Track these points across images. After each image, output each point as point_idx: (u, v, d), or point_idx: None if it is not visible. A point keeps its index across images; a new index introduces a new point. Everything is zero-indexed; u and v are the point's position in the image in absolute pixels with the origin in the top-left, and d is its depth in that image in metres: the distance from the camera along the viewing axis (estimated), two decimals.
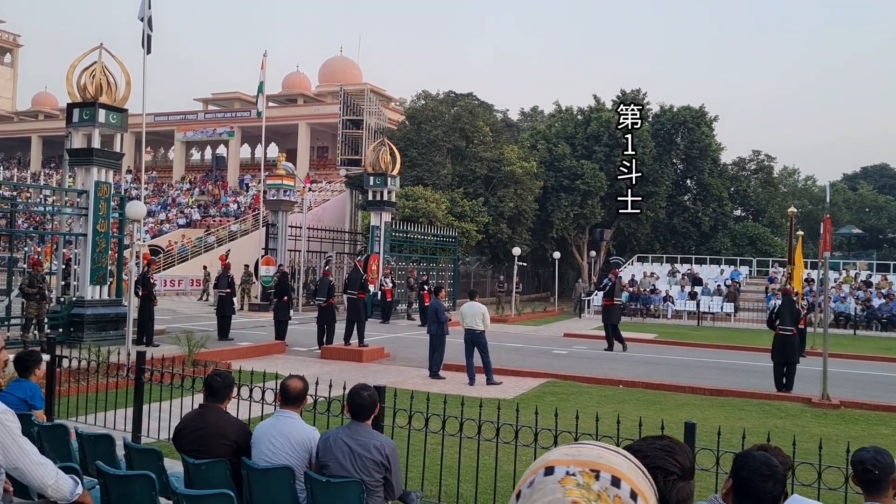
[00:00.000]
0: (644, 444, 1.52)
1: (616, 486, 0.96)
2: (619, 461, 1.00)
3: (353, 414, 4.44)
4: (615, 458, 1.01)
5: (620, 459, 1.01)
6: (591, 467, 0.97)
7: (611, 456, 1.01)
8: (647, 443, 1.51)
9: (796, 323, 14.23)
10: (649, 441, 1.53)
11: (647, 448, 1.48)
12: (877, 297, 32.04)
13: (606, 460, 0.99)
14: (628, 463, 1.01)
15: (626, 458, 1.03)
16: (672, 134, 43.62)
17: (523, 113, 61.37)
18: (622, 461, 1.01)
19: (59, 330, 15.62)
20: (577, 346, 21.02)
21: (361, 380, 12.58)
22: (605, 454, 1.01)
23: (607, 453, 1.02)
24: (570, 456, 1.01)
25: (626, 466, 1.00)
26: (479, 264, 44.40)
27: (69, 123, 16.33)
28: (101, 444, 4.97)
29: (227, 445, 4.57)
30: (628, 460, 1.03)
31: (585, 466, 0.97)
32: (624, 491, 0.96)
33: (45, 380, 8.26)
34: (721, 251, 41.86)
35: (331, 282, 19.05)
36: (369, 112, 45.47)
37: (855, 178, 67.17)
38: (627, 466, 1.00)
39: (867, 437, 10.03)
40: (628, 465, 1.01)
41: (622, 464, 1.00)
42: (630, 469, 1.00)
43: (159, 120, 56.36)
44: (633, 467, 1.01)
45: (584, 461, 0.99)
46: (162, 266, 37.78)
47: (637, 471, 1.01)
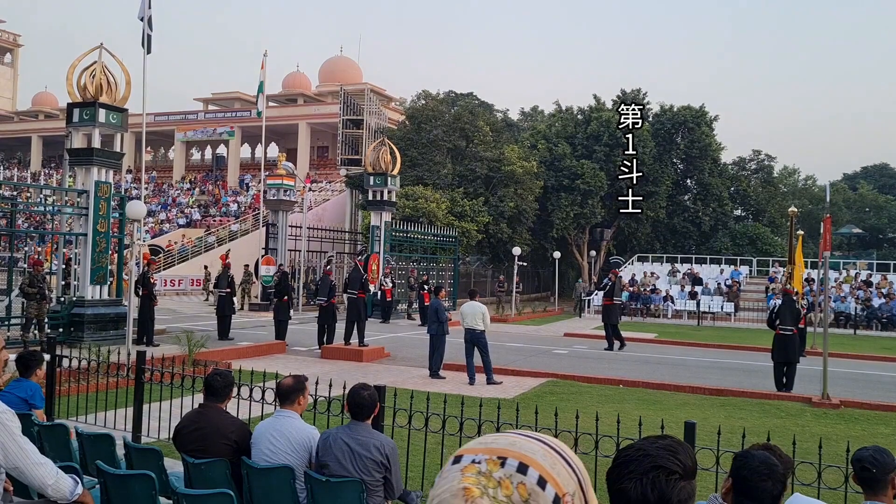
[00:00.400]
0: (646, 442, 1.52)
1: (522, 472, 0.94)
2: (533, 448, 0.98)
3: (352, 413, 4.44)
4: (530, 445, 0.98)
5: (536, 446, 0.98)
6: (499, 454, 0.96)
7: (525, 443, 0.99)
8: (650, 441, 1.50)
9: (796, 323, 14.23)
10: (651, 440, 1.52)
11: (649, 447, 1.48)
12: (877, 296, 32.03)
13: (518, 447, 0.97)
14: (545, 449, 0.99)
15: (544, 445, 1.00)
16: (672, 134, 43.61)
17: (523, 113, 61.36)
18: (538, 448, 0.98)
19: (59, 330, 15.62)
20: (578, 346, 21.02)
21: (361, 379, 12.58)
22: (520, 441, 0.99)
23: (523, 440, 0.99)
24: (482, 445, 0.99)
25: (540, 454, 0.97)
26: (480, 264, 44.40)
27: (69, 123, 16.33)
28: (101, 443, 4.97)
29: (227, 445, 4.57)
30: (547, 447, 1.00)
31: (493, 454, 0.96)
32: (531, 477, 0.94)
33: (45, 379, 8.27)
34: (721, 251, 41.86)
35: (332, 281, 19.05)
36: (369, 112, 45.47)
37: (855, 178, 67.15)
38: (542, 454, 0.98)
39: (867, 437, 10.03)
40: (544, 451, 0.98)
41: (536, 451, 0.98)
42: (545, 456, 0.98)
43: (159, 120, 56.36)
44: (549, 454, 0.98)
45: (493, 449, 0.97)
46: (162, 266, 37.78)
47: (554, 457, 0.99)
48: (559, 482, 0.96)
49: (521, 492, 0.93)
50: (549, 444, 1.01)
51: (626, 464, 1.41)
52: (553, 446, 1.01)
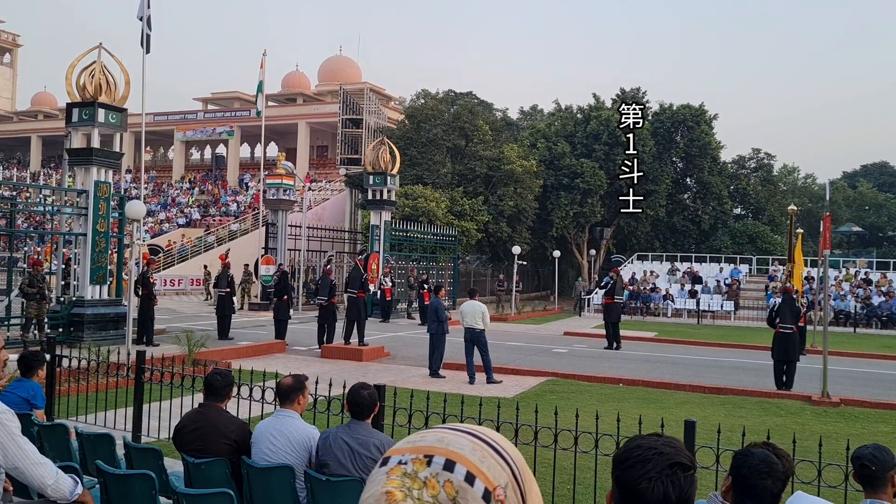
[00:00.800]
0: (652, 440, 1.51)
1: (449, 469, 0.91)
2: (461, 443, 0.95)
3: (352, 413, 4.44)
4: (458, 440, 0.95)
5: (465, 441, 0.95)
6: (426, 453, 0.93)
7: (453, 438, 0.96)
8: (654, 439, 1.50)
9: (796, 321, 14.23)
10: (653, 438, 1.52)
11: (659, 445, 1.47)
12: (876, 294, 32.03)
13: (446, 444, 0.94)
14: (475, 443, 0.96)
15: (474, 438, 0.97)
16: (672, 132, 43.61)
17: (523, 112, 61.35)
18: (466, 442, 0.95)
19: (59, 330, 15.61)
20: (578, 345, 21.01)
21: (361, 379, 12.58)
22: (447, 437, 0.96)
23: (451, 436, 0.96)
24: (410, 443, 0.96)
25: (468, 448, 0.94)
26: (479, 263, 44.39)
27: (68, 123, 16.32)
28: (101, 443, 4.97)
29: (227, 444, 4.57)
30: (476, 440, 0.97)
31: (420, 453, 0.93)
32: (458, 474, 0.91)
33: (46, 379, 8.27)
34: (721, 249, 41.86)
35: (332, 281, 19.04)
36: (369, 111, 45.46)
37: (855, 176, 67.13)
38: (471, 448, 0.94)
39: (867, 435, 10.02)
40: (474, 445, 0.95)
41: (465, 445, 0.94)
42: (474, 451, 0.94)
43: (159, 119, 56.35)
44: (480, 448, 0.95)
45: (420, 447, 0.94)
46: (162, 266, 37.77)
47: (485, 451, 0.95)
48: (489, 476, 0.93)
49: (447, 490, 0.91)
50: (479, 437, 0.98)
51: (640, 463, 1.41)
52: (484, 438, 0.98)
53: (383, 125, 44.65)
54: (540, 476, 6.46)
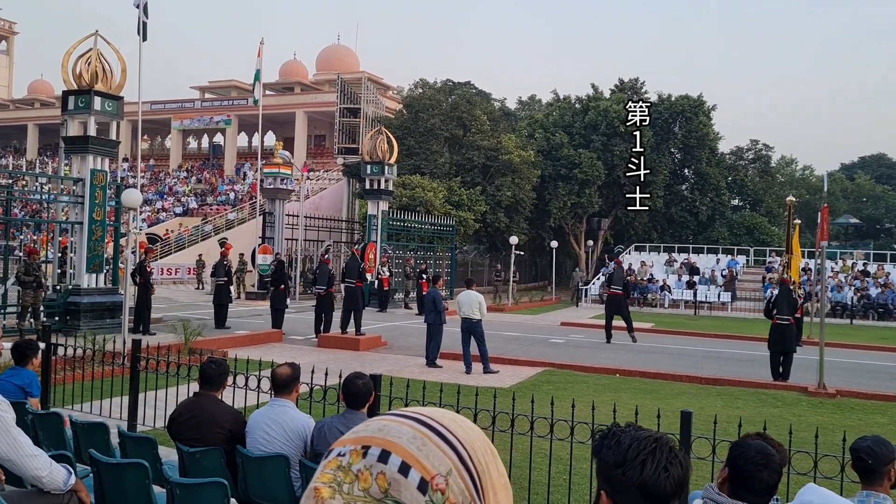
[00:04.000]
0: (641, 431, 1.50)
1: (383, 461, 0.87)
2: (401, 431, 0.90)
3: (347, 402, 4.42)
4: (398, 429, 0.90)
5: (405, 428, 0.90)
6: (364, 443, 0.88)
7: (394, 426, 0.91)
8: (633, 432, 1.48)
9: (793, 312, 14.24)
10: (635, 428, 1.51)
11: (654, 434, 1.47)
12: (873, 286, 32.07)
13: (385, 433, 0.89)
14: (416, 430, 0.91)
15: (417, 425, 0.92)
16: (670, 123, 43.52)
17: (521, 102, 61.18)
18: (406, 430, 0.90)
19: (54, 318, 15.58)
20: (575, 335, 21.02)
21: (358, 368, 12.58)
22: (389, 425, 0.91)
23: (393, 424, 0.91)
24: (353, 434, 0.92)
25: (407, 437, 0.89)
26: (477, 253, 44.36)
27: (64, 111, 16.24)
28: (96, 432, 4.95)
29: (222, 434, 4.55)
30: (420, 426, 0.92)
31: (359, 443, 0.88)
32: (391, 465, 0.87)
33: (41, 368, 8.25)
34: (718, 240, 41.87)
35: (330, 270, 19.01)
36: (367, 100, 45.32)
37: (852, 168, 67.14)
38: (411, 436, 0.89)
39: (863, 427, 10.04)
40: (414, 433, 0.90)
41: (404, 434, 0.89)
42: (414, 438, 0.89)
43: (156, 108, 56.16)
44: (422, 435, 0.90)
45: (361, 437, 0.89)
46: (159, 254, 37.72)
47: (427, 437, 0.91)
48: (426, 465, 0.88)
49: (380, 482, 0.86)
50: (425, 423, 0.92)
51: (650, 457, 1.40)
52: (430, 423, 0.93)
53: (381, 115, 44.52)
54: (536, 465, 6.46)
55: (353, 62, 59.16)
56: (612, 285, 19.72)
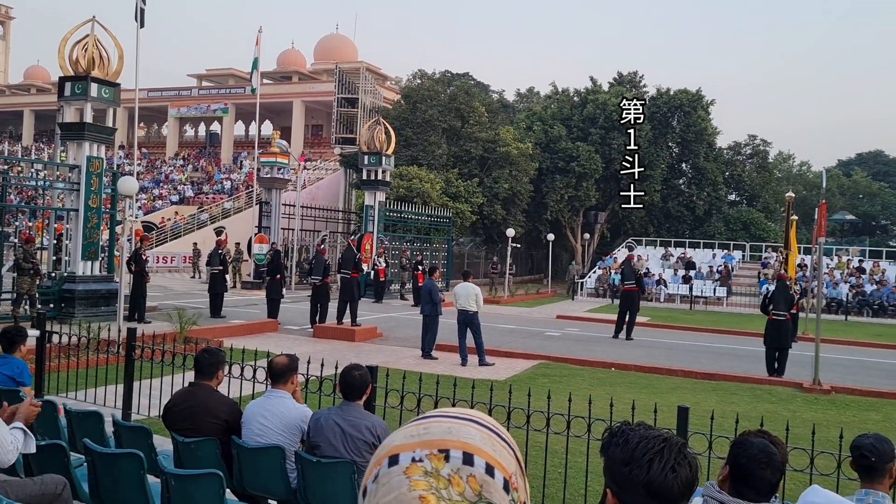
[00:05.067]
0: (644, 429, 1.48)
1: (469, 463, 0.86)
2: (471, 433, 0.89)
3: (344, 394, 4.39)
4: (466, 430, 0.90)
5: (473, 430, 0.90)
6: (440, 447, 0.87)
7: (462, 428, 0.90)
8: (643, 430, 1.46)
9: (790, 308, 14.24)
10: (644, 426, 1.49)
11: (662, 433, 1.46)
12: (869, 283, 32.14)
13: (456, 435, 0.88)
14: (481, 432, 0.91)
15: (479, 427, 0.92)
16: (668, 117, 43.46)
17: (519, 94, 61.00)
18: (475, 432, 0.90)
19: (49, 305, 15.51)
20: (570, 328, 21.02)
21: (354, 359, 12.54)
22: (455, 427, 0.90)
23: (458, 425, 0.90)
24: (415, 437, 0.90)
25: (479, 438, 0.89)
26: (473, 245, 44.34)
27: (61, 97, 16.14)
28: (90, 421, 4.91)
29: (217, 424, 4.52)
30: (482, 428, 0.92)
31: (433, 447, 0.87)
32: (478, 467, 0.86)
33: (35, 355, 8.20)
34: (715, 235, 41.88)
35: (326, 260, 18.97)
36: (364, 90, 45.18)
37: (849, 165, 67.15)
38: (481, 437, 0.89)
39: (858, 423, 10.05)
40: (482, 434, 0.90)
41: (475, 435, 0.89)
42: (484, 440, 0.90)
43: (153, 95, 55.92)
44: (488, 436, 0.91)
45: (430, 441, 0.88)
46: (155, 243, 37.62)
47: (492, 438, 0.91)
48: (504, 465, 0.89)
49: (472, 485, 0.85)
50: (482, 423, 0.93)
51: (658, 456, 1.38)
52: (487, 424, 0.93)
53: (379, 105, 44.39)
54: (532, 459, 6.45)
55: (352, 52, 58.93)
56: (625, 281, 19.64)
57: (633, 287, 19.11)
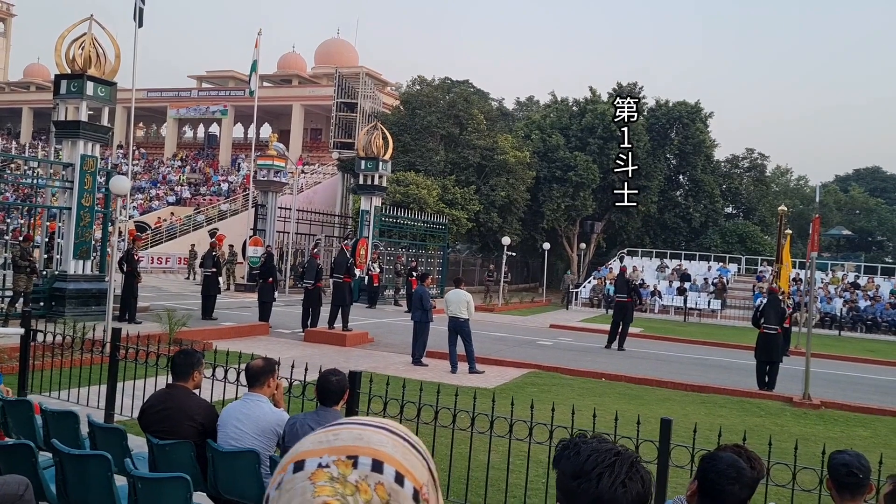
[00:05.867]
0: (599, 443, 1.45)
1: (378, 471, 0.83)
2: (382, 440, 0.86)
3: (321, 399, 4.35)
4: (378, 437, 0.87)
5: (385, 437, 0.87)
6: (349, 453, 0.84)
7: (373, 435, 0.87)
8: (595, 444, 1.43)
9: (781, 322, 14.21)
10: (599, 440, 1.46)
11: (613, 446, 1.43)
12: (863, 299, 32.14)
13: (367, 441, 0.85)
14: (393, 440, 0.87)
15: (391, 435, 0.88)
16: (666, 129, 43.52)
17: (519, 102, 61.10)
18: (386, 439, 0.87)
19: (39, 304, 15.45)
20: (563, 338, 20.98)
21: (343, 364, 12.52)
22: (366, 433, 0.87)
23: (369, 432, 0.87)
24: (324, 443, 0.86)
25: (390, 445, 0.86)
26: (469, 252, 44.29)
27: (56, 95, 16.09)
28: (65, 421, 4.85)
29: (193, 427, 4.47)
30: (394, 435, 0.89)
31: (341, 453, 0.83)
32: (388, 475, 0.83)
33: (19, 353, 8.15)
34: (711, 248, 41.88)
35: (318, 264, 18.92)
36: (364, 95, 45.17)
37: (847, 180, 67.27)
38: (392, 445, 0.86)
39: (846, 439, 10.03)
40: (394, 442, 0.87)
41: (386, 443, 0.86)
42: (396, 448, 0.86)
43: (152, 96, 55.90)
44: (399, 444, 0.87)
45: (339, 447, 0.84)
46: (150, 243, 37.54)
47: (405, 447, 0.88)
48: (415, 474, 0.85)
49: (379, 493, 0.82)
50: (395, 432, 0.89)
51: (608, 470, 1.34)
52: (400, 433, 0.90)
53: (378, 110, 44.39)
54: (515, 468, 6.41)
55: (353, 57, 58.96)
56: (617, 293, 19.67)
57: (625, 299, 19.07)
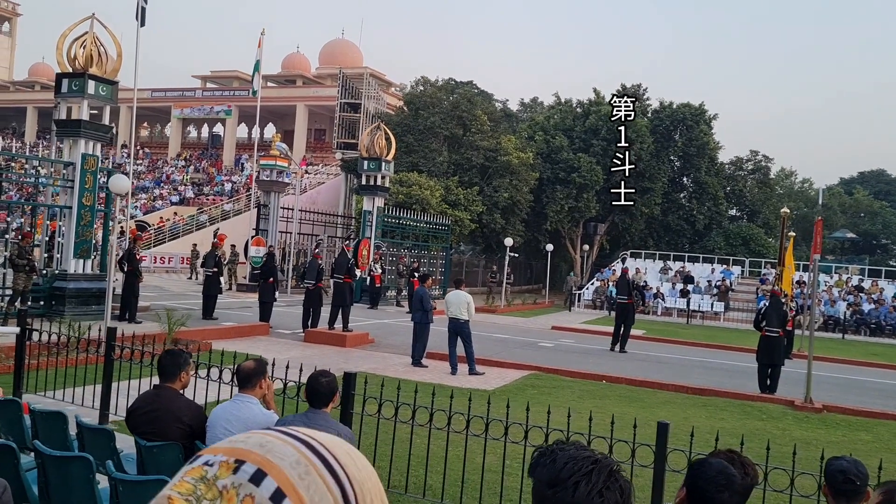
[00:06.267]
0: (577, 450, 1.39)
1: (256, 482, 0.75)
2: (286, 452, 0.78)
3: (310, 401, 4.29)
4: (284, 449, 0.78)
5: (291, 450, 0.78)
6: (239, 457, 0.76)
7: (280, 445, 0.78)
8: (573, 451, 1.38)
9: (783, 325, 14.11)
10: (577, 447, 1.41)
11: (591, 453, 1.38)
12: (867, 302, 32.00)
13: (267, 450, 0.77)
14: (306, 458, 0.78)
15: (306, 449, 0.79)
16: (671, 131, 43.39)
17: (523, 104, 61.03)
18: (292, 452, 0.78)
19: (39, 303, 15.42)
20: (565, 340, 20.90)
21: (343, 365, 12.47)
22: (273, 443, 0.78)
23: (278, 442, 0.79)
24: (230, 443, 0.79)
25: (292, 461, 0.77)
26: (472, 254, 44.22)
27: (58, 94, 16.07)
28: (54, 421, 4.79)
29: (181, 428, 4.42)
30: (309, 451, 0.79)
31: (233, 455, 0.77)
32: (264, 489, 0.75)
33: (15, 353, 8.11)
34: (714, 250, 41.74)
35: (320, 265, 18.88)
36: (368, 96, 45.15)
37: (851, 183, 67.05)
38: (296, 461, 0.77)
39: (847, 443, 9.93)
40: (300, 457, 0.78)
41: (288, 456, 0.77)
42: (298, 463, 0.77)
43: (157, 96, 55.94)
44: (311, 465, 0.78)
45: (236, 450, 0.77)
46: (153, 242, 37.53)
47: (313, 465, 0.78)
48: (304, 497, 0.76)
49: None
50: (314, 448, 0.80)
51: (585, 478, 1.29)
52: (319, 450, 0.80)
53: (382, 111, 44.37)
54: (510, 472, 6.34)
55: (357, 57, 58.94)
56: (618, 295, 19.69)
57: (626, 300, 19.01)
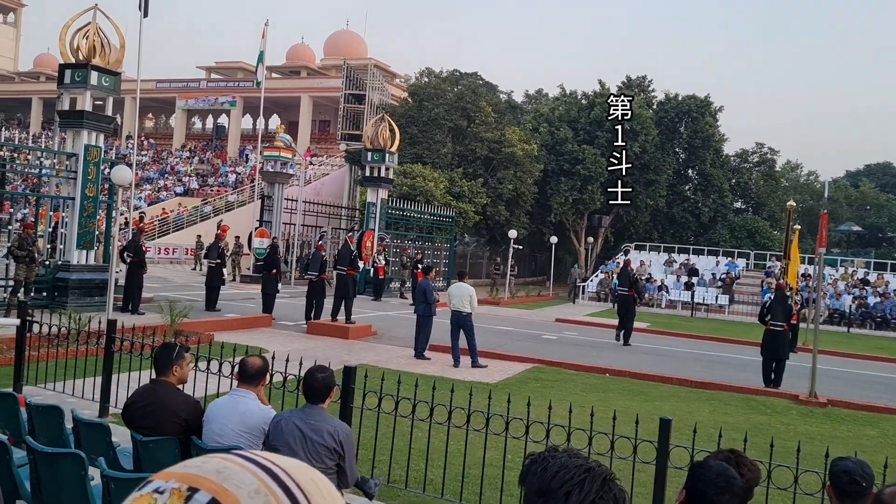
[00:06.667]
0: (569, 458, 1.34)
1: None
2: (245, 480, 0.73)
3: (307, 396, 4.24)
4: (242, 476, 0.73)
5: (251, 478, 0.73)
6: (192, 484, 0.72)
7: (238, 472, 0.74)
8: (564, 458, 1.32)
9: (788, 319, 14.02)
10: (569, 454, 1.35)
11: (583, 461, 1.32)
12: (872, 295, 31.85)
13: (223, 478, 0.72)
14: (261, 484, 0.73)
15: (265, 478, 0.73)
16: (676, 122, 43.22)
17: (528, 95, 60.79)
18: (251, 480, 0.73)
19: (42, 294, 15.40)
20: (568, 332, 20.84)
21: (345, 357, 12.43)
22: (231, 468, 0.73)
23: (237, 469, 0.74)
24: (184, 468, 0.74)
25: (250, 489, 0.72)
26: (477, 245, 44.17)
27: (60, 84, 16.02)
28: (50, 415, 4.75)
29: (177, 423, 4.37)
30: (269, 480, 0.73)
31: (186, 483, 0.72)
32: None
33: (15, 344, 8.09)
34: (719, 243, 41.63)
35: (323, 256, 18.83)
36: (372, 87, 45.00)
37: (858, 176, 66.78)
38: (254, 489, 0.72)
39: (853, 438, 9.87)
40: (259, 486, 0.73)
41: (246, 484, 0.73)
42: (257, 493, 0.72)
43: (161, 87, 55.83)
44: (266, 489, 0.72)
45: (190, 476, 0.73)
46: (157, 233, 37.53)
47: (272, 495, 0.72)
48: None
49: None
50: (276, 477, 0.74)
51: (577, 488, 1.24)
52: (282, 478, 0.74)
53: (386, 102, 44.24)
54: (510, 466, 6.30)
55: (361, 48, 58.76)
56: (619, 287, 19.66)
57: (627, 292, 18.95)
